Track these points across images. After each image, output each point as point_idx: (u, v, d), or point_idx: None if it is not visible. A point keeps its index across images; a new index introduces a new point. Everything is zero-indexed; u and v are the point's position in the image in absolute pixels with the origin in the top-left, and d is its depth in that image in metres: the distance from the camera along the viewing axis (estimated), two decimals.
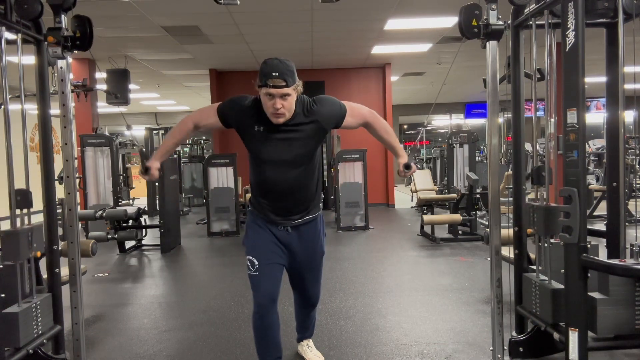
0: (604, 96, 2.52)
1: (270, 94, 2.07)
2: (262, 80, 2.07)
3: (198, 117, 2.35)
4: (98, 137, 7.52)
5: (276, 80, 2.04)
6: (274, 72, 2.05)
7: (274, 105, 2.08)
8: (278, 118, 2.13)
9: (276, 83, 2.05)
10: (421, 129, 16.77)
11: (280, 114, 2.11)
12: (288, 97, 2.09)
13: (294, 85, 2.10)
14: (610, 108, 2.50)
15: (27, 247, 2.35)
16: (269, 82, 2.05)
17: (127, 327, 3.49)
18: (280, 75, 2.05)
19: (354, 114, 2.33)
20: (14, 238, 2.30)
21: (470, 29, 2.42)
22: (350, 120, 2.31)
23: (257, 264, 2.28)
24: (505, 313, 2.60)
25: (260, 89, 2.10)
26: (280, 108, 2.09)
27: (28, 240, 2.36)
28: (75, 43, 2.41)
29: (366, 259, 5.55)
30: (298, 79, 2.14)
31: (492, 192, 2.57)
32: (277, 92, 2.06)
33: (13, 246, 2.29)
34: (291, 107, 2.14)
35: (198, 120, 2.33)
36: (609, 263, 2.13)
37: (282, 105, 2.09)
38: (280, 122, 2.15)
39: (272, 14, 6.42)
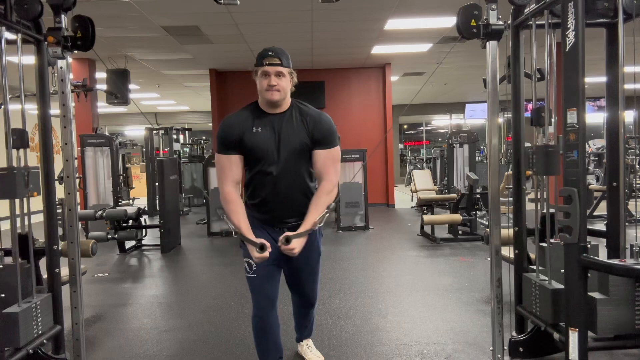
0: (604, 96, 2.52)
1: (266, 72, 2.14)
2: (259, 61, 2.17)
3: (224, 177, 2.23)
4: (98, 137, 7.52)
5: (272, 59, 2.14)
6: (270, 52, 2.15)
7: (269, 82, 2.14)
8: (272, 95, 2.16)
9: (271, 61, 2.14)
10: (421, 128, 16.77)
11: (274, 90, 2.15)
12: (282, 77, 2.16)
13: (289, 69, 2.18)
14: (610, 108, 2.50)
15: (23, 186, 2.34)
16: (265, 61, 2.14)
17: (127, 327, 3.49)
18: (276, 54, 2.15)
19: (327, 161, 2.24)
20: (10, 176, 2.29)
21: (468, 29, 2.42)
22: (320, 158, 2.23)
23: (255, 266, 2.28)
24: (505, 313, 2.59)
25: (257, 71, 2.17)
26: (275, 85, 2.14)
27: (24, 180, 2.35)
28: (77, 43, 2.41)
29: (366, 259, 5.55)
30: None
31: (492, 192, 2.57)
32: (273, 70, 2.14)
33: (9, 184, 2.28)
34: (285, 89, 2.19)
35: (229, 177, 2.23)
36: (609, 263, 2.13)
37: (277, 83, 2.15)
38: (275, 99, 2.17)
39: (272, 14, 6.42)
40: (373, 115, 10.45)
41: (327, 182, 2.25)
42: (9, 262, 2.41)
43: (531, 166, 2.42)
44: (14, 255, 2.42)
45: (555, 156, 2.26)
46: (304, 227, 2.20)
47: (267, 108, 2.25)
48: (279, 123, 2.23)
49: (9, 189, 2.29)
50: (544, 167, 2.33)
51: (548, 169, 2.33)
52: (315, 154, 2.25)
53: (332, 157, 2.27)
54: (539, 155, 2.35)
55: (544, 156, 2.32)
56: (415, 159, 17.15)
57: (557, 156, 2.24)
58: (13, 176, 2.29)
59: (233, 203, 2.20)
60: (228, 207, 2.21)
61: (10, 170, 2.31)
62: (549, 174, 2.37)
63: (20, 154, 2.41)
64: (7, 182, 2.29)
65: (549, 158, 2.30)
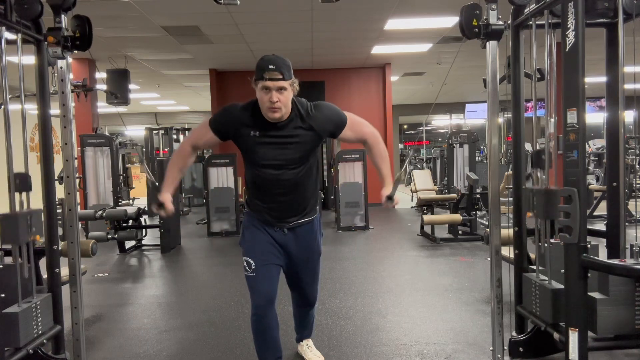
0: (604, 96, 2.52)
1: (267, 87, 2.06)
2: (259, 74, 2.07)
3: (193, 138, 2.34)
4: (98, 137, 7.52)
5: (272, 73, 2.04)
6: (271, 65, 2.05)
7: (270, 99, 2.07)
8: (274, 113, 2.10)
9: (272, 76, 2.04)
10: (421, 128, 16.78)
11: (276, 108, 2.08)
12: (284, 91, 2.08)
13: (290, 80, 2.10)
14: (610, 108, 2.50)
15: (26, 230, 2.34)
16: (266, 75, 2.05)
17: (127, 327, 3.49)
18: (277, 68, 2.05)
19: (355, 129, 2.30)
20: (13, 221, 2.29)
21: (471, 28, 2.42)
22: (349, 134, 2.28)
23: (254, 265, 2.28)
24: (505, 313, 2.59)
25: (257, 84, 2.10)
26: (276, 102, 2.07)
27: (27, 224, 2.35)
28: (75, 43, 2.41)
29: (366, 259, 5.55)
30: (295, 78, 2.15)
31: (492, 192, 2.57)
32: (274, 85, 2.05)
33: (12, 229, 2.28)
34: (287, 103, 2.12)
35: (194, 141, 2.33)
36: (609, 263, 2.13)
37: (279, 99, 2.07)
38: (277, 117, 2.12)
39: (272, 14, 6.42)
40: (373, 115, 10.44)
41: (369, 138, 2.33)
42: (9, 262, 2.40)
43: (532, 208, 2.43)
44: (14, 255, 2.41)
45: (555, 199, 2.24)
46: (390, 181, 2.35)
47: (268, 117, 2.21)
48: (280, 130, 2.18)
49: (12, 233, 2.29)
50: (544, 212, 2.33)
51: (549, 213, 2.33)
52: (343, 136, 2.29)
53: (354, 123, 2.30)
54: (539, 199, 2.35)
55: (545, 199, 2.31)
56: (416, 158, 17.15)
57: (557, 199, 2.22)
58: (16, 221, 2.30)
59: (181, 158, 2.33)
60: (175, 158, 2.35)
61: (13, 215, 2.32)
62: (550, 217, 2.38)
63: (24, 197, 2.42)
64: (9, 227, 2.29)
65: (549, 201, 2.29)
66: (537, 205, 2.35)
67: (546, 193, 2.30)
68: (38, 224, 2.44)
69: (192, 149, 2.33)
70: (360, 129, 2.32)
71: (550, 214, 2.30)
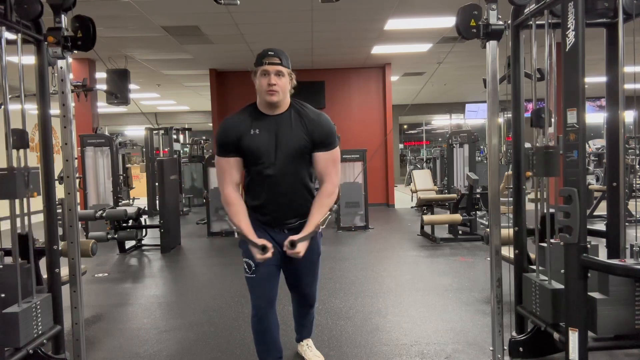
0: (604, 96, 2.52)
1: (266, 70, 2.15)
2: (258, 61, 2.18)
3: (225, 178, 2.26)
4: (98, 137, 7.52)
5: (271, 58, 2.16)
6: (270, 52, 2.17)
7: (268, 81, 2.15)
8: (272, 96, 2.17)
9: (271, 60, 2.15)
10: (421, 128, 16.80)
11: (274, 90, 2.16)
12: (282, 77, 2.17)
13: (288, 69, 2.19)
14: (610, 108, 2.50)
15: (23, 186, 2.34)
16: (265, 60, 2.16)
17: (127, 327, 3.49)
18: (276, 54, 2.16)
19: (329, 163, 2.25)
20: (10, 176, 2.28)
21: (468, 29, 2.42)
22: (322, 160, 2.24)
23: (254, 267, 2.28)
24: (505, 313, 2.60)
25: (256, 70, 2.18)
26: (274, 85, 2.14)
27: (24, 180, 2.35)
28: (77, 43, 2.40)
29: (366, 259, 5.55)
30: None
31: (492, 192, 2.57)
32: (272, 69, 2.15)
33: (10, 185, 2.28)
34: (284, 89, 2.19)
35: (229, 180, 2.25)
36: (609, 263, 2.13)
37: (276, 82, 2.15)
38: (274, 100, 2.17)
39: (272, 14, 6.42)
40: (373, 115, 10.45)
41: (328, 184, 2.26)
42: (9, 262, 2.40)
43: (531, 167, 2.42)
44: (14, 255, 2.42)
45: (555, 157, 2.26)
46: (307, 229, 2.21)
47: (266, 109, 2.25)
48: (278, 125, 2.23)
49: (10, 189, 2.29)
50: (544, 169, 2.33)
51: (548, 171, 2.32)
52: (315, 156, 2.26)
53: (332, 158, 2.28)
54: (538, 157, 2.35)
55: (544, 157, 2.32)
56: (415, 159, 17.15)
57: (557, 157, 2.24)
58: (13, 176, 2.29)
59: (234, 205, 2.23)
60: (230, 209, 2.23)
61: (11, 170, 2.30)
62: (549, 175, 2.37)
63: (20, 154, 2.40)
64: (7, 183, 2.28)
65: (549, 159, 2.30)
66: (537, 164, 2.35)
67: (546, 151, 2.30)
68: (35, 181, 2.44)
69: (232, 189, 2.25)
70: (332, 168, 2.27)
71: (550, 171, 2.30)
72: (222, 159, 2.26)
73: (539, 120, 2.48)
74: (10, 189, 2.29)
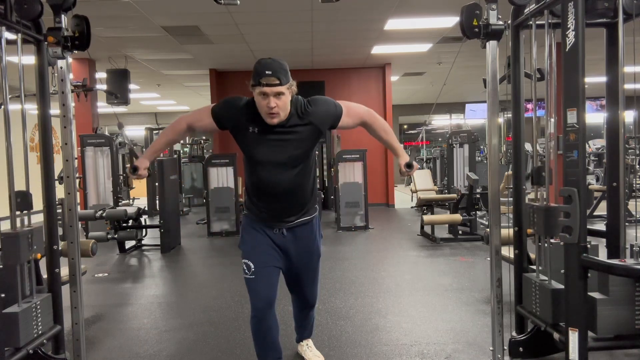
0: (604, 96, 2.52)
1: (264, 92, 2.05)
2: (256, 80, 2.06)
3: (192, 118, 2.33)
4: (98, 137, 7.52)
5: (270, 78, 2.03)
6: (267, 71, 2.03)
7: (267, 104, 2.06)
8: (272, 118, 2.11)
9: (270, 81, 2.03)
10: (421, 128, 16.78)
11: (274, 113, 2.08)
12: (282, 96, 2.07)
13: (287, 84, 2.08)
14: (610, 108, 2.50)
15: (27, 249, 2.35)
16: (263, 81, 2.04)
17: (127, 327, 3.49)
18: (274, 73, 2.03)
19: (351, 114, 2.30)
20: (14, 240, 2.30)
21: (471, 28, 2.42)
22: (347, 120, 2.29)
23: (253, 267, 2.27)
24: (505, 313, 2.59)
25: (254, 89, 2.09)
26: (274, 107, 2.06)
27: (28, 242, 2.36)
28: (75, 43, 2.41)
29: (366, 259, 5.55)
30: (292, 79, 2.13)
31: (492, 192, 2.57)
32: (271, 91, 2.04)
33: (13, 248, 2.29)
34: (285, 107, 2.11)
35: (192, 122, 2.32)
36: (609, 263, 2.13)
37: (277, 104, 2.06)
38: (275, 122, 2.12)
39: (272, 14, 6.41)
40: None
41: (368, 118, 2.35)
42: (9, 263, 2.40)
43: (532, 225, 2.44)
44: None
45: (555, 217, 2.24)
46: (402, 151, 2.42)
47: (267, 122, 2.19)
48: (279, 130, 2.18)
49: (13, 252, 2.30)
50: (545, 229, 2.34)
51: (548, 230, 2.33)
52: (341, 126, 2.30)
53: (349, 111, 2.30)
54: (539, 216, 2.36)
55: (545, 217, 2.32)
56: (416, 158, 17.15)
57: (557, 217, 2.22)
58: (17, 240, 2.30)
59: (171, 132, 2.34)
60: (165, 130, 2.37)
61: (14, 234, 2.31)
62: (549, 234, 2.39)
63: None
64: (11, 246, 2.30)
65: (550, 218, 2.30)
66: (538, 223, 2.36)
67: (546, 210, 2.30)
68: (39, 242, 2.46)
69: (186, 128, 2.33)
70: (356, 112, 2.33)
71: (551, 231, 2.31)
72: (207, 112, 2.26)
73: (540, 179, 2.48)
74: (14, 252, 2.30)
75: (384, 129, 2.38)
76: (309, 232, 2.41)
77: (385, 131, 2.38)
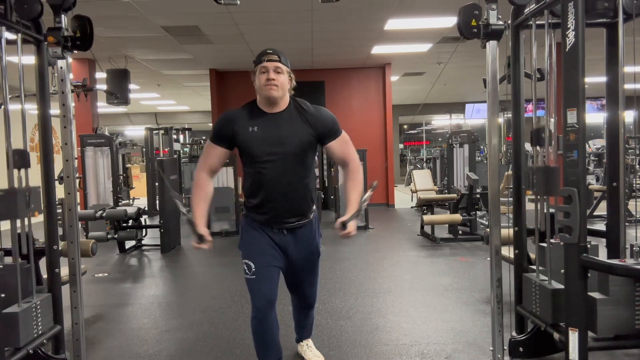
0: (604, 96, 2.52)
1: (265, 67, 2.17)
2: (258, 59, 2.21)
3: (203, 162, 2.31)
4: (98, 137, 7.52)
5: (270, 55, 2.19)
6: (269, 50, 2.21)
7: (267, 77, 2.17)
8: (271, 90, 2.18)
9: (270, 57, 2.18)
10: (419, 129, 16.80)
11: (273, 85, 2.17)
12: (281, 73, 2.19)
13: (287, 67, 2.22)
14: (610, 108, 2.50)
15: (24, 206, 2.34)
16: (264, 58, 2.18)
17: (127, 327, 3.49)
18: (274, 52, 2.20)
19: (343, 145, 2.33)
20: (12, 197, 2.29)
21: (469, 29, 2.42)
22: (336, 147, 2.31)
23: (254, 268, 2.28)
24: (505, 313, 2.59)
25: (256, 69, 2.21)
26: (273, 79, 2.16)
27: (26, 200, 2.35)
28: (76, 43, 2.41)
29: (366, 259, 5.55)
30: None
31: (492, 192, 2.57)
32: (271, 65, 2.17)
33: (11, 204, 2.28)
34: (284, 86, 2.21)
35: (208, 165, 2.30)
36: (609, 263, 2.13)
37: (275, 78, 2.17)
38: (274, 94, 2.19)
39: (272, 14, 6.41)
40: (373, 116, 10.44)
41: (351, 163, 2.33)
42: (9, 262, 2.41)
43: (531, 186, 2.42)
44: (14, 255, 2.42)
45: (555, 177, 2.25)
46: (352, 208, 2.21)
47: (266, 107, 2.25)
48: (277, 123, 2.24)
49: (11, 209, 2.30)
50: (545, 188, 2.33)
51: (548, 190, 2.33)
52: (329, 147, 2.30)
53: (344, 141, 2.33)
54: (539, 176, 2.35)
55: (545, 177, 2.31)
56: (415, 158, 17.15)
57: (557, 177, 2.22)
58: (14, 197, 2.30)
59: (201, 189, 2.29)
60: (195, 191, 2.30)
61: (12, 191, 2.31)
62: (550, 194, 2.38)
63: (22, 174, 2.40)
64: (8, 203, 2.29)
65: (550, 179, 2.29)
66: (537, 183, 2.35)
67: (546, 170, 2.30)
68: (37, 201, 2.45)
69: (207, 174, 2.30)
70: (348, 149, 2.34)
71: (550, 190, 2.30)
72: (211, 145, 2.30)
73: (539, 140, 2.48)
74: (11, 209, 2.30)
75: (358, 183, 2.29)
76: (308, 232, 2.41)
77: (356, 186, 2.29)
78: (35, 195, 2.44)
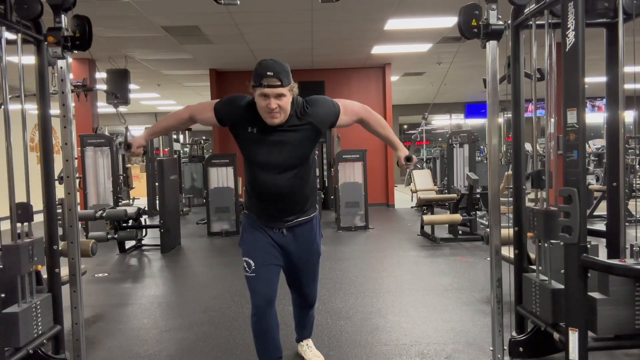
0: (604, 96, 2.52)
1: (265, 94, 2.04)
2: (257, 81, 2.05)
3: (196, 109, 2.35)
4: (98, 137, 7.52)
5: (271, 79, 2.02)
6: (269, 72, 2.02)
7: (268, 105, 2.05)
8: (273, 119, 2.10)
9: (271, 82, 2.02)
10: (417, 130, 16.78)
11: (275, 113, 2.08)
12: (283, 97, 2.06)
13: (289, 86, 2.07)
14: (610, 108, 2.50)
15: (27, 260, 2.35)
16: (264, 82, 2.02)
17: (127, 327, 3.49)
18: (275, 74, 2.02)
19: (347, 112, 2.30)
20: (15, 252, 2.30)
21: (469, 29, 2.42)
22: (344, 119, 2.29)
23: (254, 266, 2.28)
24: (505, 313, 2.59)
25: (255, 90, 2.08)
26: (275, 108, 2.05)
27: (29, 254, 2.36)
28: (75, 43, 2.40)
29: (366, 259, 5.55)
30: (293, 81, 2.12)
31: (492, 192, 2.57)
32: (272, 92, 2.03)
33: (14, 260, 2.30)
34: (286, 108, 2.10)
35: (195, 113, 2.34)
36: (609, 263, 2.13)
37: (277, 105, 2.05)
38: (276, 122, 2.11)
39: (272, 14, 6.41)
40: None
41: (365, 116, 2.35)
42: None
43: (532, 228, 2.44)
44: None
45: (555, 220, 2.25)
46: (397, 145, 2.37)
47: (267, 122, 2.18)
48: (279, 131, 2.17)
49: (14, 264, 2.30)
50: (544, 232, 2.35)
51: (548, 233, 2.34)
52: (339, 124, 2.30)
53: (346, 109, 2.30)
54: (539, 220, 2.36)
55: (545, 220, 2.32)
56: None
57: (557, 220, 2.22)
58: (18, 252, 2.30)
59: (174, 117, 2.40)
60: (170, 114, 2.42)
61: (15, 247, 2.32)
62: (550, 238, 2.39)
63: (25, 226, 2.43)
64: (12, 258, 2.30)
65: (549, 222, 2.30)
66: (538, 226, 2.36)
67: (546, 214, 2.30)
68: (40, 253, 2.46)
69: (188, 117, 2.35)
70: (352, 109, 2.33)
71: (551, 234, 2.31)
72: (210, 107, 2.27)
73: (540, 182, 2.48)
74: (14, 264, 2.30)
75: (381, 124, 2.38)
76: (309, 232, 2.41)
77: (382, 126, 2.38)
78: (39, 247, 2.45)
